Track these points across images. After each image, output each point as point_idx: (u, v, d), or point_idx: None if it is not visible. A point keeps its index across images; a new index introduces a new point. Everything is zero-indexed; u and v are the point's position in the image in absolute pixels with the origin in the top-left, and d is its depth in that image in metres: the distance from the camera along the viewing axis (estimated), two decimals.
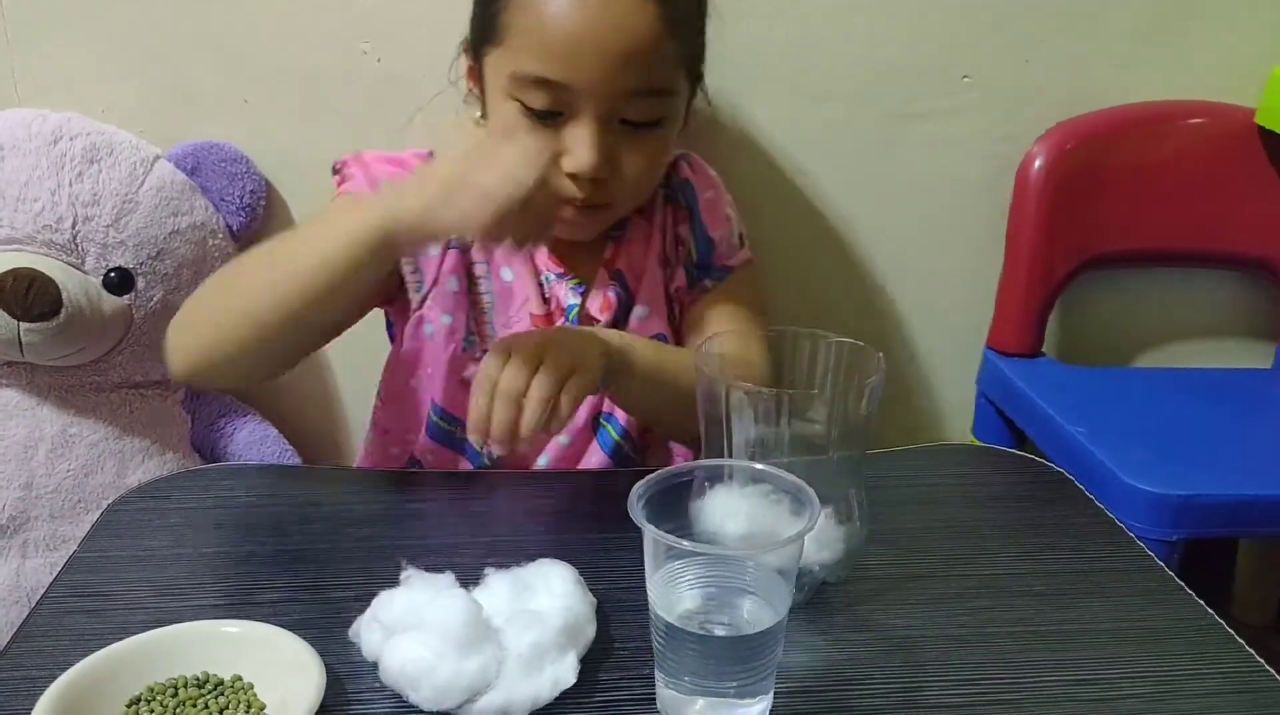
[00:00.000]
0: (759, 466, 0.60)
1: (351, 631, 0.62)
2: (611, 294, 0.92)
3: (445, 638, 0.57)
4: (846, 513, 0.68)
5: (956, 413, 1.30)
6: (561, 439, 0.93)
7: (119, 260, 1.04)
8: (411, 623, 0.59)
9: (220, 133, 1.12)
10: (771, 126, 1.17)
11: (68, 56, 1.10)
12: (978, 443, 1.24)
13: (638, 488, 0.57)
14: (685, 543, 0.54)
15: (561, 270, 0.93)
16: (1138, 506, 0.93)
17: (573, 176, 0.83)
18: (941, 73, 1.17)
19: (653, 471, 0.58)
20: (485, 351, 0.89)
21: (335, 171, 0.94)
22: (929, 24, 1.15)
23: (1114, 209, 1.19)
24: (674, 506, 0.58)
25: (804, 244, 1.22)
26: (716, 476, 0.61)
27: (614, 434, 0.94)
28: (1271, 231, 1.21)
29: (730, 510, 0.60)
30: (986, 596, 0.70)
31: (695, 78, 0.90)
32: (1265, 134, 1.18)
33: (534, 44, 0.80)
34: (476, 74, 0.89)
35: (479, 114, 0.91)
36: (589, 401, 0.93)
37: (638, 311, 0.94)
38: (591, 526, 0.76)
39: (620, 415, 0.94)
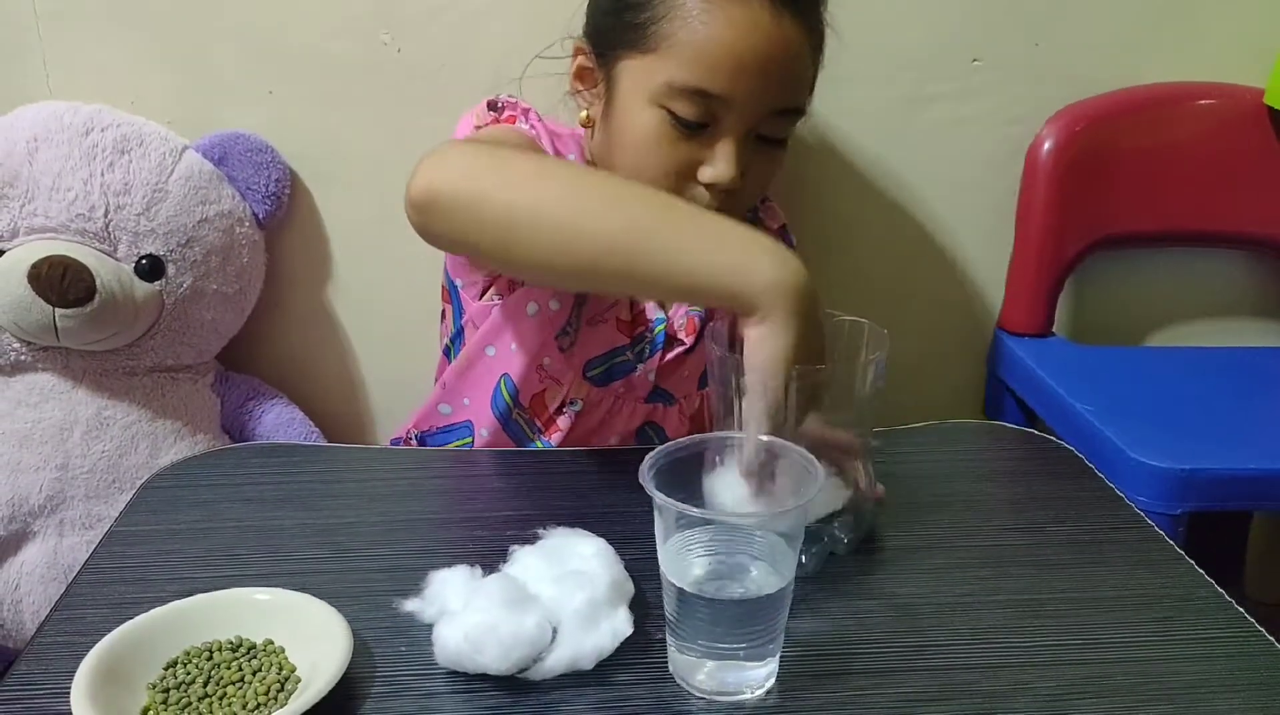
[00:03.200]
0: (766, 438, 0.62)
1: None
2: (695, 316, 0.93)
3: (497, 605, 0.59)
4: (855, 486, 0.70)
5: (967, 393, 1.31)
6: (611, 441, 0.95)
7: (150, 248, 1.06)
8: (457, 608, 0.62)
9: (246, 123, 1.14)
10: None
11: (97, 50, 1.12)
12: (987, 420, 1.25)
13: (649, 458, 0.59)
14: (694, 510, 0.56)
15: None
16: (1143, 481, 0.94)
17: (709, 186, 0.83)
18: (951, 56, 1.17)
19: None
20: (573, 344, 0.91)
21: (494, 107, 0.90)
22: (938, 7, 1.15)
23: (1124, 190, 1.19)
24: (684, 477, 0.60)
25: (814, 226, 1.22)
26: (726, 448, 0.63)
27: (657, 444, 0.95)
28: None
29: (739, 481, 0.62)
30: (991, 566, 0.72)
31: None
32: (1274, 114, 1.18)
33: (697, 56, 0.79)
34: (592, 77, 0.88)
35: (584, 115, 0.90)
36: (644, 410, 0.95)
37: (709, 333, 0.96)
38: (610, 500, 0.78)
39: (669, 427, 0.96)
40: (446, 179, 0.69)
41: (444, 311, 0.99)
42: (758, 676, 0.59)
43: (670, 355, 0.93)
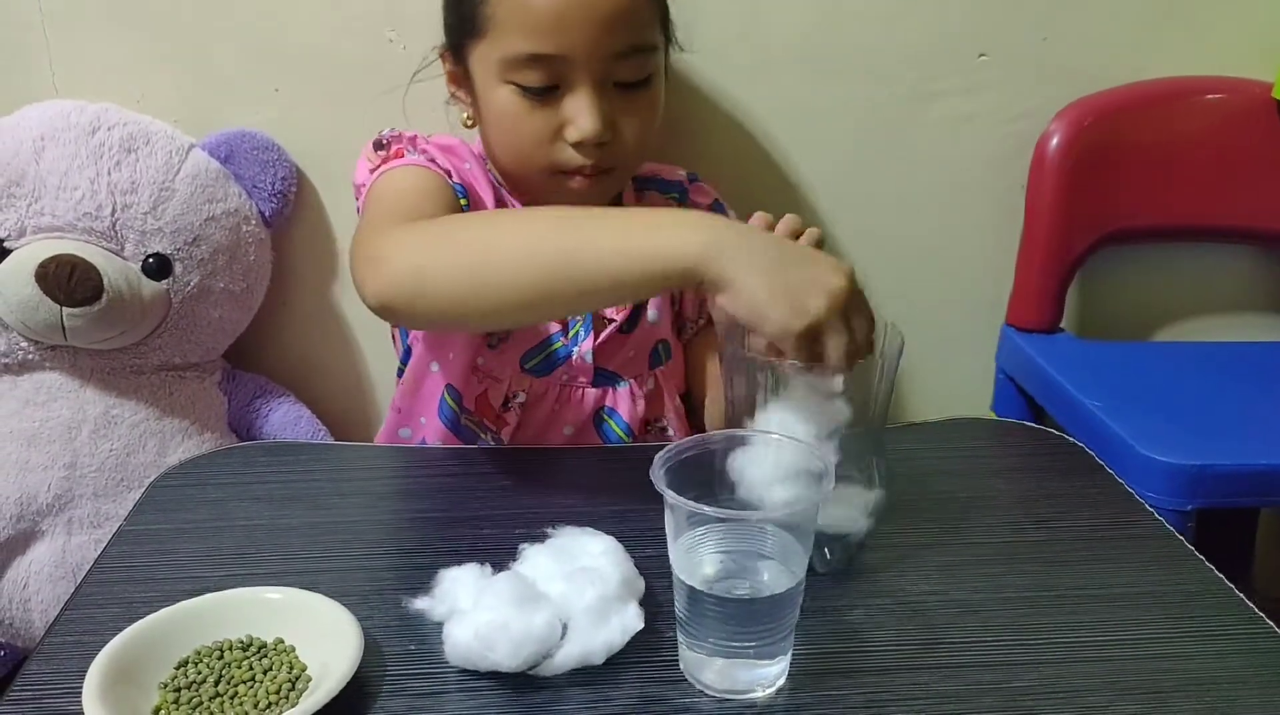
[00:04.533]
0: (778, 436, 0.62)
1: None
2: None
3: (507, 603, 0.60)
4: (867, 482, 0.70)
5: (975, 389, 1.30)
6: (566, 430, 0.96)
7: (157, 246, 1.06)
8: (467, 606, 0.62)
9: (251, 121, 1.14)
10: (788, 106, 1.18)
11: (103, 49, 1.11)
12: (995, 417, 1.25)
13: (660, 456, 0.59)
14: (705, 508, 0.56)
15: None
16: (1153, 477, 0.93)
17: (578, 145, 0.85)
18: (958, 50, 1.17)
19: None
20: (502, 340, 0.92)
21: (380, 146, 0.92)
22: (944, 2, 1.15)
23: (1132, 185, 1.19)
24: (695, 475, 0.60)
25: (821, 222, 1.22)
26: (738, 446, 0.63)
27: (617, 428, 0.96)
28: None
29: (751, 477, 0.62)
30: (1001, 563, 0.72)
31: (668, 33, 0.92)
32: None
33: (522, 24, 0.82)
34: (459, 76, 0.91)
35: (465, 117, 0.93)
36: (593, 395, 0.96)
37: (651, 314, 0.97)
38: (615, 497, 0.78)
39: (623, 410, 0.96)
40: (387, 281, 0.73)
41: (393, 335, 1.02)
42: (769, 675, 0.59)
43: (603, 335, 0.94)
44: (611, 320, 0.95)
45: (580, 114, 0.84)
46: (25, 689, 0.59)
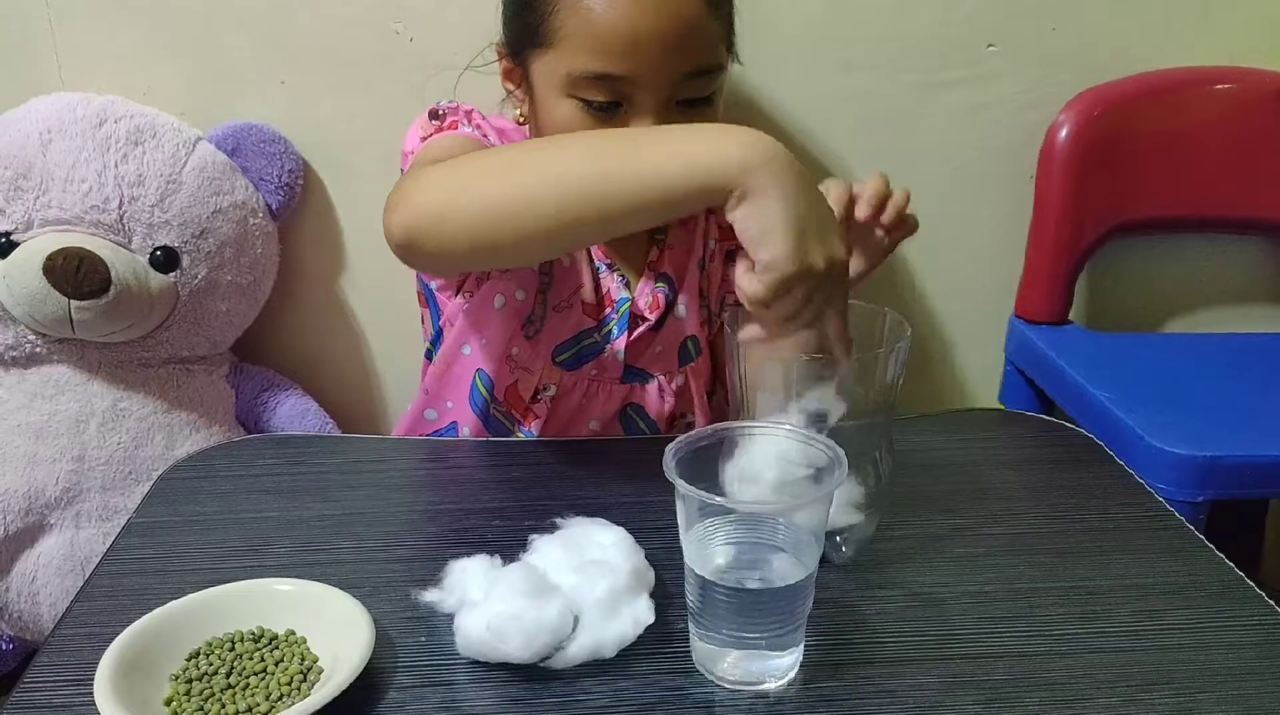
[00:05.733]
0: (788, 427, 0.62)
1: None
2: (661, 294, 0.95)
3: (519, 594, 0.60)
4: (874, 474, 0.69)
5: (984, 381, 1.30)
6: (592, 424, 0.96)
7: (164, 239, 1.06)
8: (477, 597, 0.62)
9: (258, 114, 1.14)
10: (798, 96, 1.17)
11: (109, 41, 1.11)
12: (1004, 409, 1.24)
13: (671, 447, 0.59)
14: (717, 499, 0.56)
15: (611, 262, 0.94)
16: (1164, 468, 0.93)
17: None
18: (967, 41, 1.16)
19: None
20: (539, 332, 0.92)
21: (436, 115, 0.90)
22: None
23: (1141, 176, 1.18)
24: (707, 466, 0.60)
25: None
26: (745, 438, 0.63)
27: (642, 424, 0.96)
28: None
29: (760, 469, 0.62)
30: (1012, 555, 0.72)
31: (730, 48, 0.91)
32: None
33: (590, 43, 0.80)
34: (518, 77, 0.89)
35: (518, 113, 0.91)
36: (621, 391, 0.95)
37: (679, 310, 0.97)
38: (629, 489, 0.78)
39: (650, 406, 0.96)
40: (413, 211, 0.71)
41: (422, 316, 1.01)
42: (781, 666, 0.59)
43: (636, 333, 0.94)
44: (647, 318, 0.94)
45: None
46: (36, 681, 0.59)
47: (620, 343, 0.94)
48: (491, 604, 0.60)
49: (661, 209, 0.65)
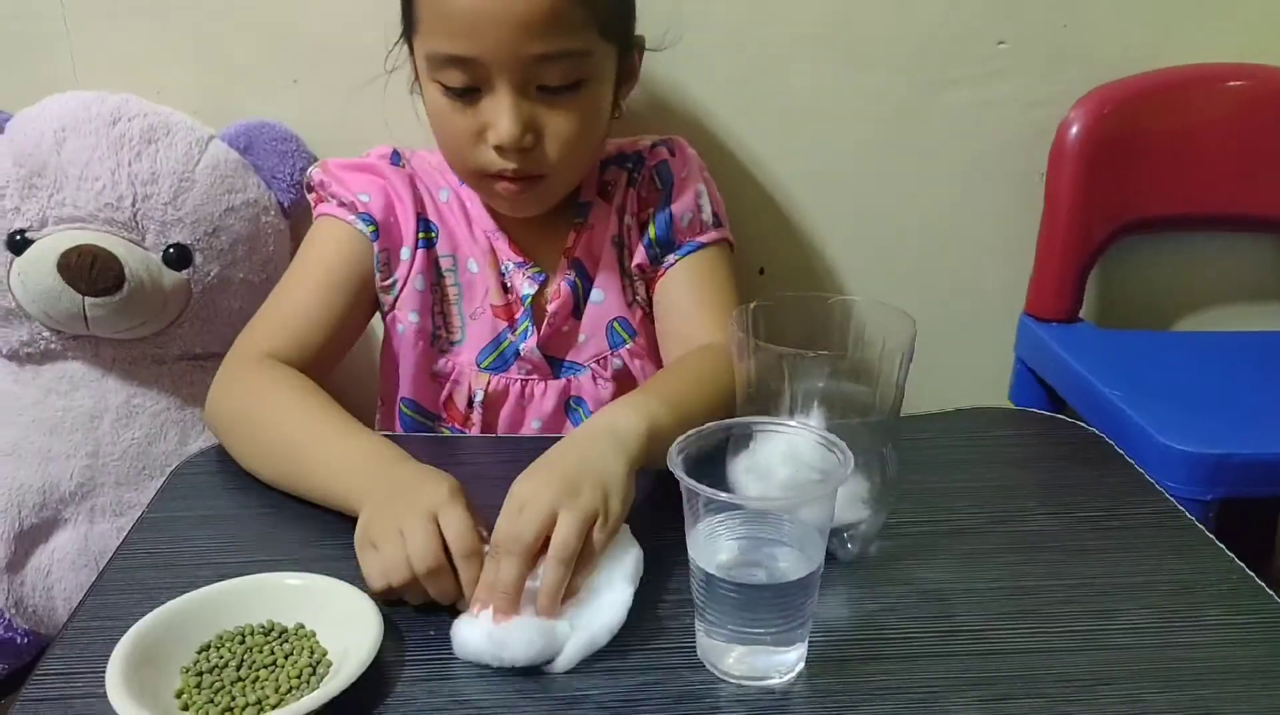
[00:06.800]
0: (793, 423, 0.62)
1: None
2: (566, 284, 0.95)
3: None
4: (880, 471, 0.70)
5: (993, 379, 1.30)
6: (534, 423, 0.96)
7: (177, 237, 1.06)
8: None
9: (270, 112, 1.14)
10: (804, 93, 1.17)
11: (123, 41, 1.12)
12: (1013, 406, 1.24)
13: (677, 443, 0.59)
14: (723, 495, 0.57)
15: (521, 259, 0.95)
16: (1173, 466, 0.93)
17: (499, 149, 0.84)
18: (977, 38, 1.16)
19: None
20: (452, 343, 0.95)
21: (309, 188, 0.97)
22: None
23: (1152, 173, 1.18)
24: (711, 462, 0.60)
25: (839, 211, 1.22)
26: (752, 434, 0.63)
27: (584, 415, 0.96)
28: None
29: (775, 466, 0.62)
30: (1020, 552, 0.71)
31: (620, 36, 0.89)
32: None
33: (440, 24, 0.82)
34: (413, 64, 0.91)
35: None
36: (558, 385, 0.96)
37: (595, 295, 0.96)
38: (641, 484, 0.78)
39: (588, 396, 0.96)
40: (210, 407, 0.86)
41: None
42: (786, 661, 0.59)
43: (548, 327, 0.95)
44: (553, 314, 0.95)
45: (497, 117, 0.82)
46: (49, 674, 0.60)
47: (532, 341, 0.94)
48: (489, 612, 0.60)
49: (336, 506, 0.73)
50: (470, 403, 0.96)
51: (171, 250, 1.06)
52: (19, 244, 1.04)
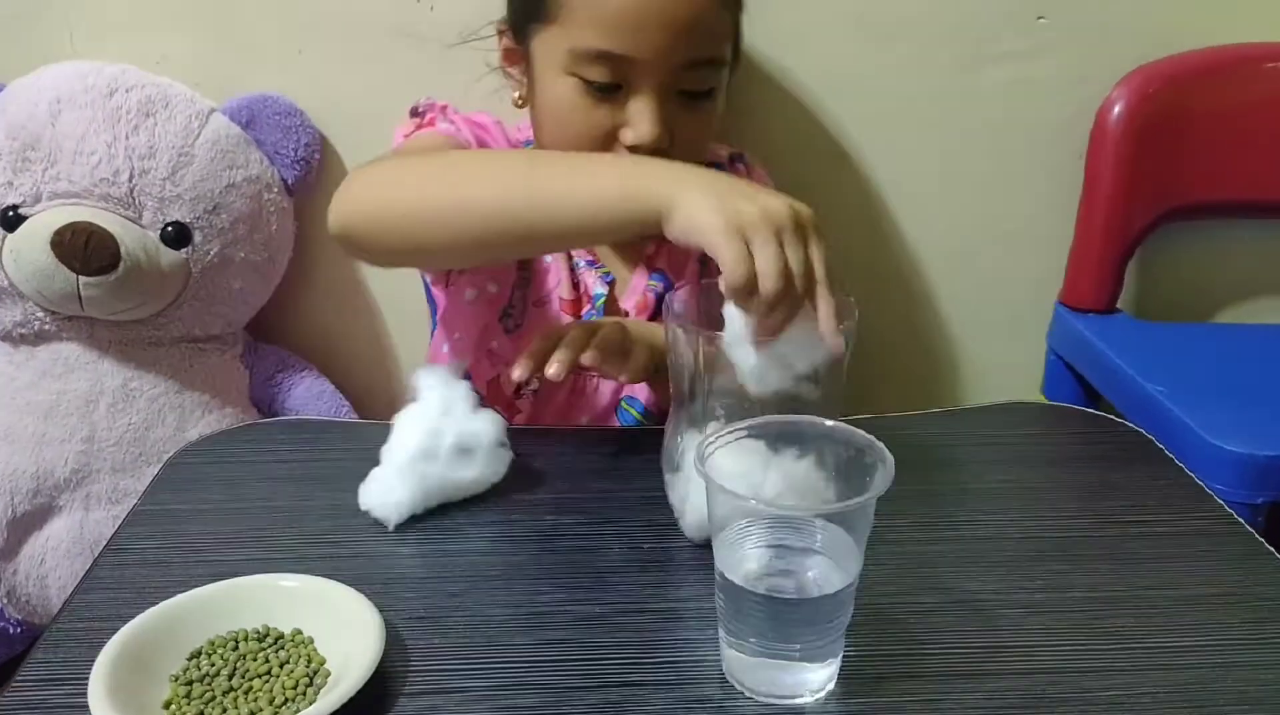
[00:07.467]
0: (830, 423, 0.58)
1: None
2: (651, 294, 0.94)
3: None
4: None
5: (1024, 370, 1.28)
6: (582, 420, 0.95)
7: (176, 214, 1.04)
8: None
9: (274, 85, 1.12)
10: (839, 68, 1.15)
11: (122, 8, 1.10)
12: (1047, 401, 1.21)
13: (704, 442, 0.56)
14: (751, 500, 0.53)
15: (591, 258, 0.94)
16: (1220, 468, 0.90)
17: (633, 149, 0.84)
18: (1015, 12, 1.13)
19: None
20: (519, 326, 0.94)
21: (415, 113, 0.94)
22: None
23: (1197, 157, 1.15)
24: (742, 462, 0.57)
25: (870, 191, 1.20)
26: (784, 432, 0.59)
27: (636, 415, 0.95)
28: None
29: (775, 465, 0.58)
30: (1064, 560, 0.68)
31: (736, 49, 0.92)
32: None
33: (597, 19, 0.81)
34: (517, 56, 0.90)
35: (517, 95, 0.92)
36: (610, 387, 0.95)
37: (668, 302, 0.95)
38: (651, 484, 0.74)
39: (642, 396, 0.95)
40: (351, 204, 0.77)
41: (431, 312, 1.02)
42: (817, 680, 0.56)
43: None
44: (625, 312, 0.94)
45: (641, 118, 0.82)
46: (30, 680, 0.57)
47: None
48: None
49: (591, 232, 0.71)
50: (520, 391, 0.94)
51: (170, 228, 1.04)
52: (11, 220, 1.02)
